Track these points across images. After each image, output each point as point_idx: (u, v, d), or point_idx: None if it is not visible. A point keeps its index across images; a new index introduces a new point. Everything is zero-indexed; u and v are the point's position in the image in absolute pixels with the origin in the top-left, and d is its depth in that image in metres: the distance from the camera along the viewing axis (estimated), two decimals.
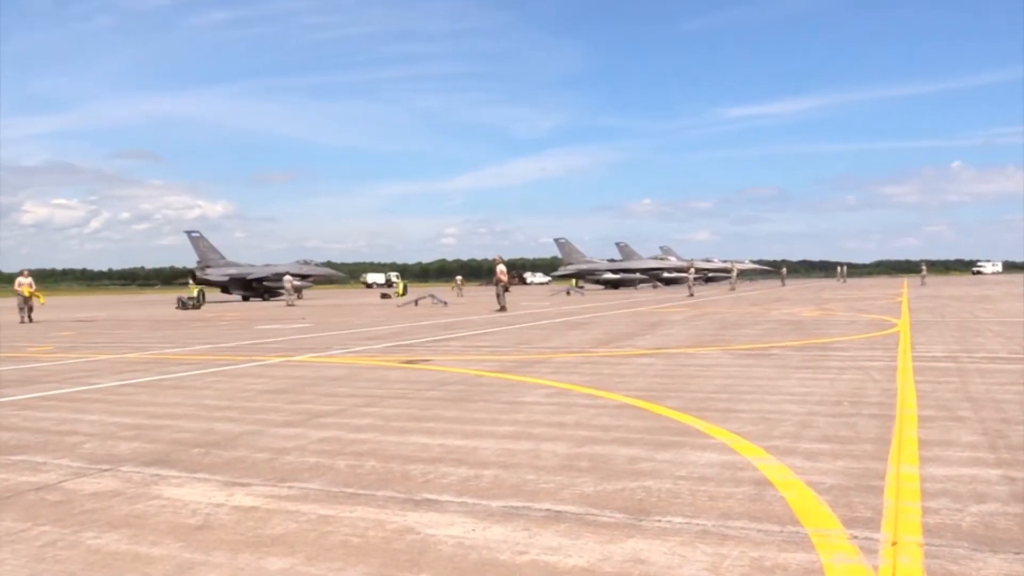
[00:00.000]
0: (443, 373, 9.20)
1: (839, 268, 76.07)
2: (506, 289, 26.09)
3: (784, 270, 64.34)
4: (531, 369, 9.41)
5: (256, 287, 48.95)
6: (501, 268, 26.52)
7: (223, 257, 51.49)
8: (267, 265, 51.72)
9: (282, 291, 46.09)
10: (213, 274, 49.02)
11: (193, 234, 51.50)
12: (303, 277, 49.08)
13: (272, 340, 15.19)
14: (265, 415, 6.55)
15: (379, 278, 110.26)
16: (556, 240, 69.73)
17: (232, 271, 50.04)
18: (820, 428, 5.47)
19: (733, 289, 48.23)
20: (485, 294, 51.45)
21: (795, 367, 8.97)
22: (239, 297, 49.11)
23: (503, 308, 25.44)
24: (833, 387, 7.35)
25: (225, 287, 49.53)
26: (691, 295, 37.92)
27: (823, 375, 8.20)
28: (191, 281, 43.05)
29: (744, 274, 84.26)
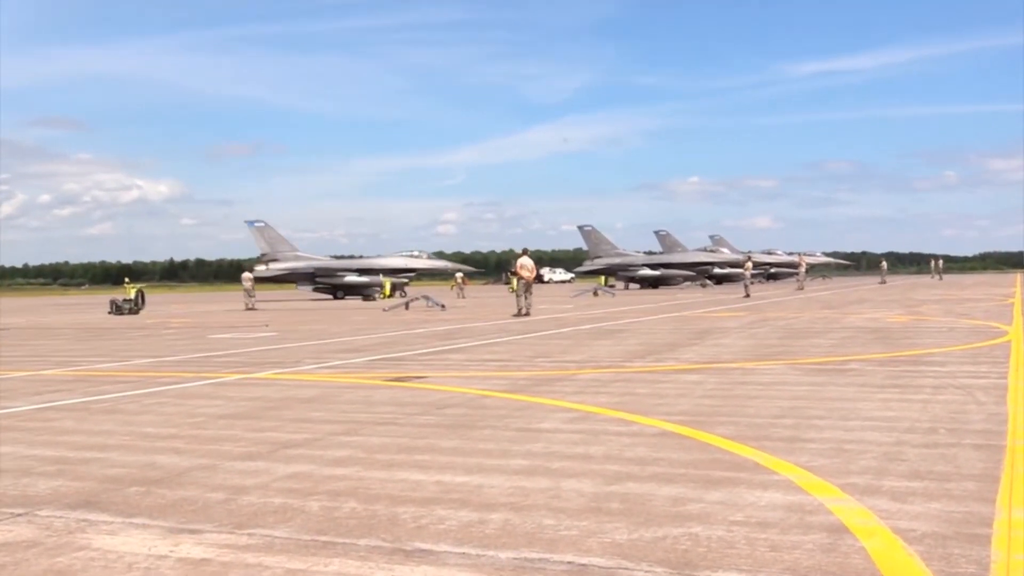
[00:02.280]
0: (440, 393, 9.20)
1: (934, 262, 75.72)
2: (528, 288, 25.98)
3: (884, 264, 63.58)
4: (550, 388, 9.40)
5: (340, 285, 50.57)
6: (523, 261, 26.46)
7: (295, 249, 54.04)
8: (353, 257, 54.09)
9: (374, 290, 48.16)
10: (279, 268, 51.58)
11: (257, 224, 54.02)
12: (405, 272, 50.62)
13: (228, 352, 15.25)
14: (220, 445, 6.58)
15: (360, 275, 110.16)
16: (581, 228, 69.71)
17: (316, 263, 52.18)
18: (910, 462, 5.45)
19: (801, 288, 48.11)
20: (491, 294, 51.51)
21: (878, 385, 8.93)
22: (324, 297, 50.94)
23: (523, 312, 25.40)
24: (926, 411, 7.31)
25: (304, 282, 51.50)
26: (748, 296, 37.88)
27: (914, 396, 8.17)
28: (127, 280, 43.43)
29: (815, 269, 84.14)
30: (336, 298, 49.53)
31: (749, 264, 43.21)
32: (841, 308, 26.57)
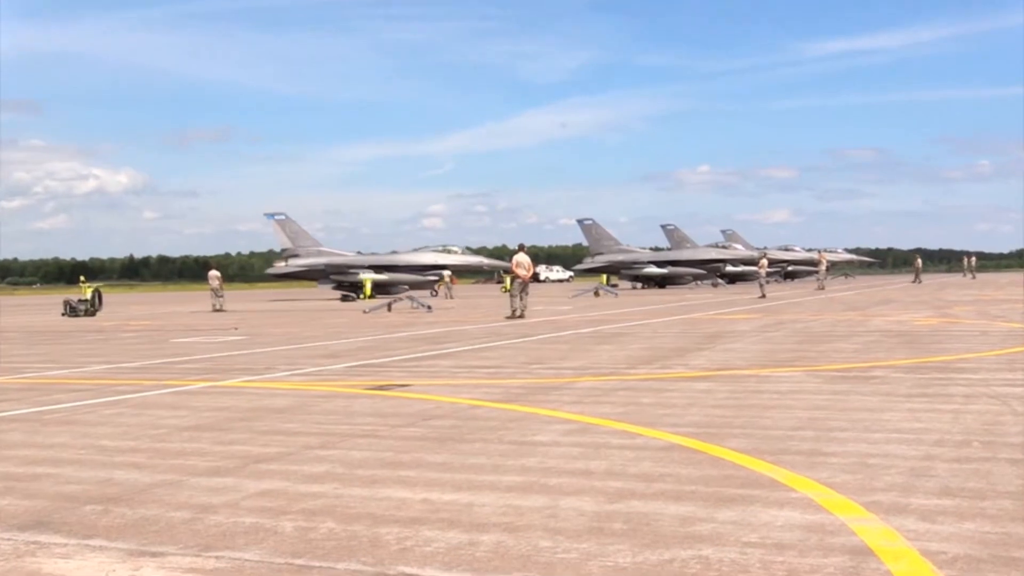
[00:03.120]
0: (426, 403, 9.21)
1: (966, 260, 75.99)
2: (524, 288, 25.98)
3: (919, 262, 63.48)
4: (546, 397, 9.41)
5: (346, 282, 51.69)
6: (520, 259, 26.49)
7: (318, 244, 55.46)
8: (377, 254, 54.53)
9: (401, 290, 48.78)
10: (299, 265, 52.91)
11: (278, 217, 55.29)
12: (435, 269, 51.37)
13: (193, 358, 15.24)
14: (184, 460, 6.58)
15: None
16: (580, 222, 69.84)
17: (338, 259, 53.43)
18: (940, 477, 5.47)
19: (822, 288, 48.23)
20: (482, 294, 51.50)
21: (905, 394, 8.96)
22: (347, 295, 51.81)
23: (517, 314, 25.45)
24: (958, 422, 7.34)
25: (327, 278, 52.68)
26: (764, 296, 37.96)
27: (944, 405, 8.19)
28: (83, 278, 43.48)
29: (836, 267, 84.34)
30: (344, 300, 49.81)
31: (764, 262, 43.26)
32: (865, 309, 26.63)
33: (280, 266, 55.16)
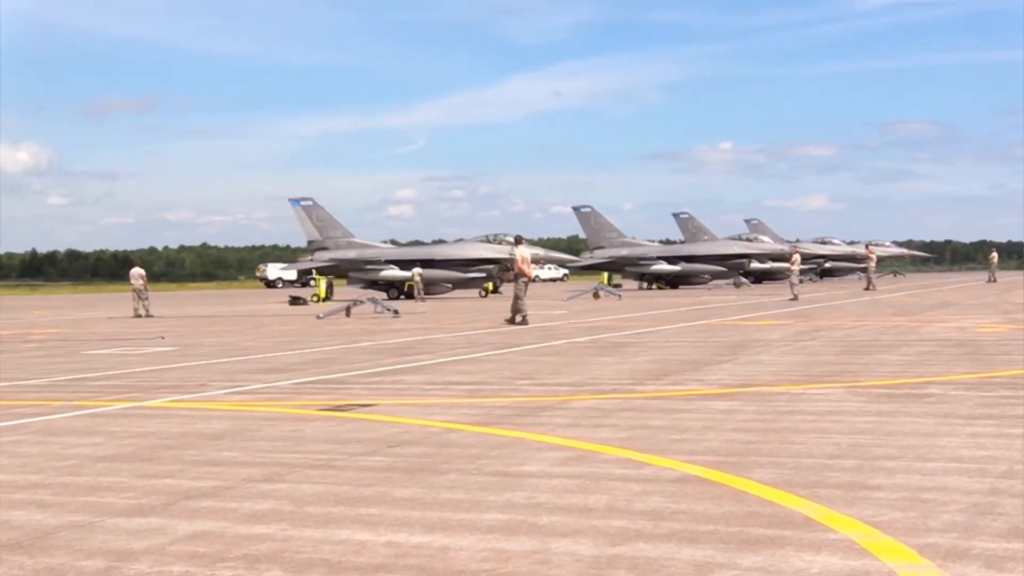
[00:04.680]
0: (392, 426, 9.20)
1: None
2: (526, 288, 26.18)
3: (994, 256, 63.19)
4: (535, 420, 9.40)
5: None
6: (523, 252, 26.62)
7: (350, 234, 56.61)
8: (430, 243, 55.84)
9: (444, 288, 50.06)
10: (328, 259, 54.07)
11: (304, 202, 56.32)
12: (484, 264, 52.05)
13: (111, 374, 15.18)
14: (99, 497, 6.54)
15: (287, 271, 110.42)
16: (577, 210, 69.84)
17: (371, 252, 54.41)
18: (1008, 516, 5.49)
19: (871, 288, 48.39)
20: (458, 296, 51.45)
21: (966, 416, 9.00)
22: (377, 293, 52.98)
23: (518, 318, 25.49)
24: None
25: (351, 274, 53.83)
26: (795, 298, 38.07)
27: (1013, 429, 8.23)
28: None
29: (884, 264, 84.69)
30: (294, 303, 50.04)
31: (797, 257, 43.38)
32: (918, 314, 26.75)
33: (306, 260, 56.28)
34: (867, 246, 64.29)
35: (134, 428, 9.55)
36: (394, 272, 51.77)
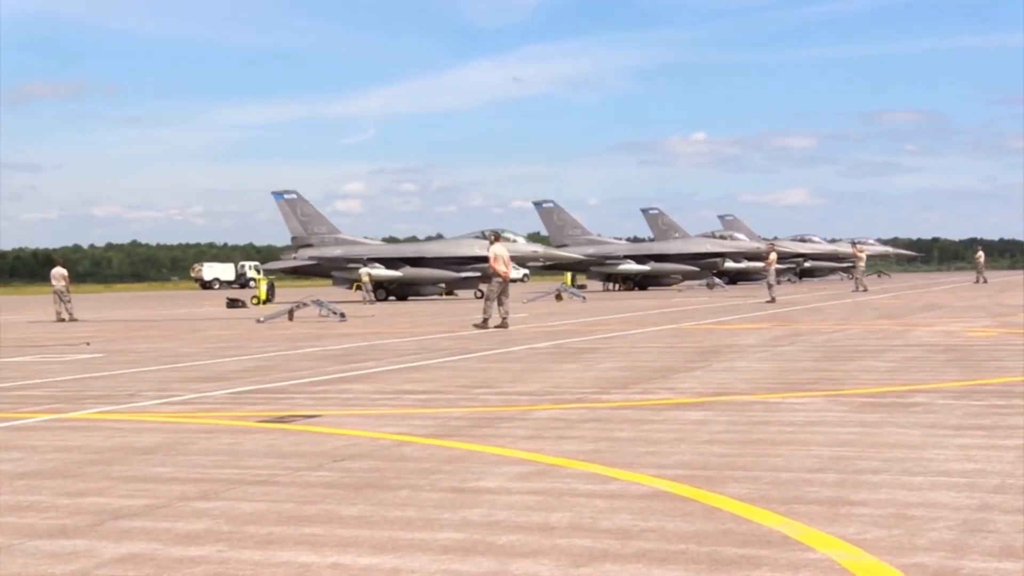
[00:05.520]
0: (339, 439, 9.17)
1: None
2: (504, 289, 26.22)
3: (981, 255, 64.02)
4: (493, 431, 9.40)
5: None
6: (500, 251, 26.60)
7: (336, 230, 57.09)
8: (427, 239, 54.96)
9: (435, 290, 50.58)
10: (311, 257, 54.48)
11: (287, 195, 56.73)
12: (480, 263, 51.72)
13: (30, 383, 15.07)
14: (18, 517, 6.48)
15: (224, 271, 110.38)
16: (538, 205, 70.05)
17: (357, 249, 54.53)
18: (1000, 533, 5.53)
19: (860, 289, 48.86)
20: (413, 298, 51.39)
21: (955, 427, 9.07)
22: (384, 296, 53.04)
23: (493, 324, 25.43)
24: (1023, 462, 7.44)
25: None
26: (773, 300, 38.30)
27: (1005, 440, 8.31)
28: None
29: (867, 263, 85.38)
30: (232, 306, 49.98)
31: (773, 256, 43.64)
32: (904, 317, 27.00)
33: (289, 259, 56.35)
34: (854, 244, 64.88)
35: (57, 442, 9.47)
36: (380, 271, 51.89)
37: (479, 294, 50.69)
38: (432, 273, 52.32)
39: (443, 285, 52.19)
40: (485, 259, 51.52)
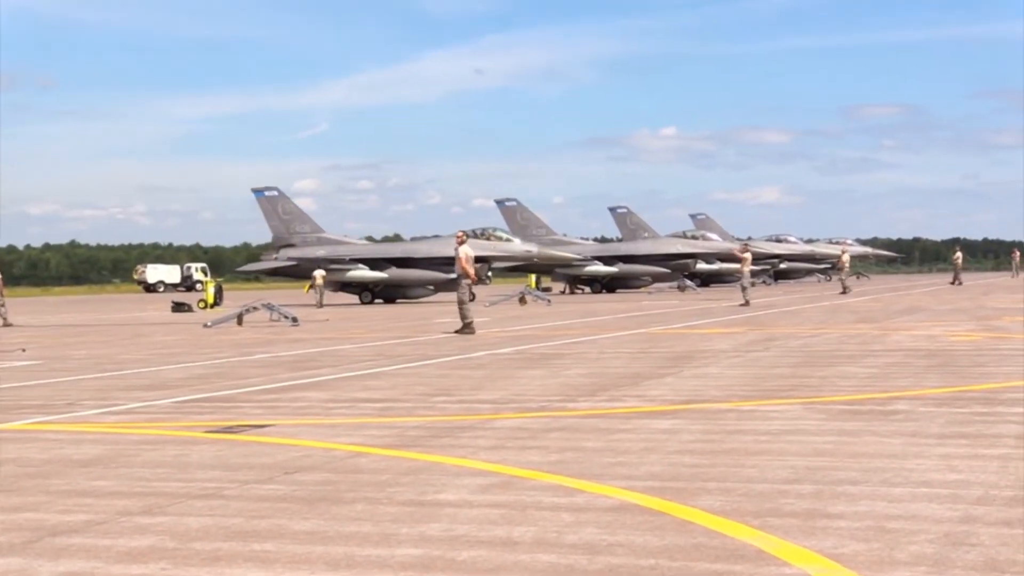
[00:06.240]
0: (290, 450, 9.16)
1: (1016, 254, 78.03)
2: (470, 291, 26.42)
3: (959, 256, 64.08)
4: (454, 441, 9.41)
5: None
6: (468, 251, 26.74)
7: (319, 229, 57.06)
8: (420, 239, 56.20)
9: (425, 292, 50.80)
10: (293, 257, 54.41)
11: (268, 192, 56.73)
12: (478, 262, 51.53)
13: None
14: None
15: (169, 274, 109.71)
16: (500, 204, 69.97)
17: (344, 249, 54.47)
18: (984, 547, 5.58)
19: (845, 291, 49.20)
20: (357, 302, 51.20)
21: (936, 435, 9.15)
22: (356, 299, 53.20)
23: (466, 327, 25.46)
24: (1007, 472, 7.50)
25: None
26: (747, 303, 38.41)
27: (988, 450, 8.38)
28: None
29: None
30: (177, 310, 49.52)
31: (747, 257, 43.77)
32: (883, 321, 27.14)
33: (270, 258, 56.29)
34: (842, 244, 64.96)
35: None
36: (363, 272, 51.88)
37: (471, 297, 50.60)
38: (421, 274, 51.88)
39: (432, 287, 51.76)
40: (478, 259, 51.58)
